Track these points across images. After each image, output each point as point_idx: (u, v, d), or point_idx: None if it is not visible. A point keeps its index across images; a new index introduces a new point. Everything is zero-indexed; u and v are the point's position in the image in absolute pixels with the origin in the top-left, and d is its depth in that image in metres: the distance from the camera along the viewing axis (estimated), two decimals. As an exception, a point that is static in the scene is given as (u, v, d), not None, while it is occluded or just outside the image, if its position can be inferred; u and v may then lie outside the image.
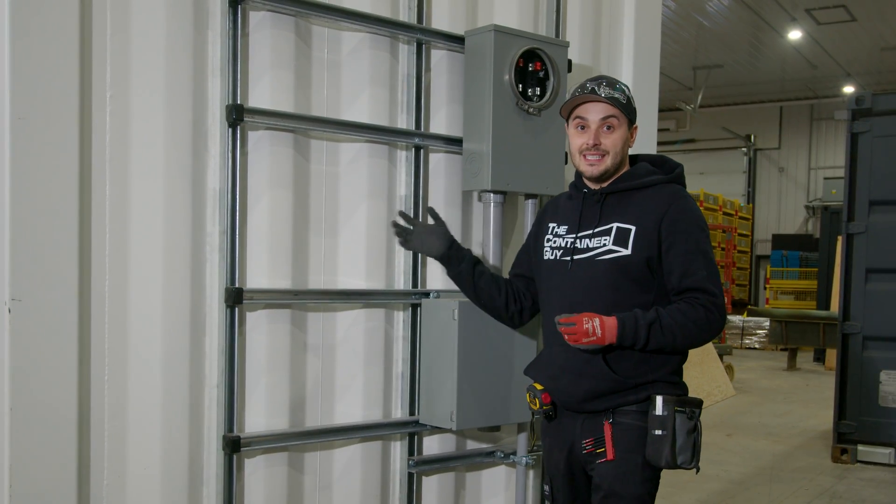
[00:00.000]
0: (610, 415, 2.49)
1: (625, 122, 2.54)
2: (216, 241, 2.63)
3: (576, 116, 2.55)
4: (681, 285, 2.45)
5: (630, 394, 2.47)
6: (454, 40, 3.09)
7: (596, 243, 2.52)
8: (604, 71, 3.63)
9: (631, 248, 2.47)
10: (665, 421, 2.41)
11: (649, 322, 2.39)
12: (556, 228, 2.66)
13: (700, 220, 2.53)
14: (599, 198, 2.57)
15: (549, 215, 2.74)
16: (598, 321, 2.38)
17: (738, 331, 15.71)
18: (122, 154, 2.45)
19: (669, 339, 2.41)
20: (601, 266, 2.49)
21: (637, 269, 2.47)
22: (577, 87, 2.57)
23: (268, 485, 2.73)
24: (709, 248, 2.52)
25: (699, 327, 2.42)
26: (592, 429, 2.51)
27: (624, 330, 2.38)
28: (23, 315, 2.25)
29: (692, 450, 2.45)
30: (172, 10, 2.51)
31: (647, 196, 2.54)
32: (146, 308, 2.50)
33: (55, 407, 2.32)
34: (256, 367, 2.70)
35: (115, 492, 2.46)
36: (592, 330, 2.37)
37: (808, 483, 6.14)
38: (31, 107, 2.26)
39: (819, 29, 15.36)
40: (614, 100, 2.50)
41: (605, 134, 2.52)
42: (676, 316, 2.41)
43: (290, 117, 2.72)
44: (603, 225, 2.54)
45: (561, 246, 2.60)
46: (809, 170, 21.84)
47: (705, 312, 2.42)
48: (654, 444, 2.43)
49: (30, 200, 2.26)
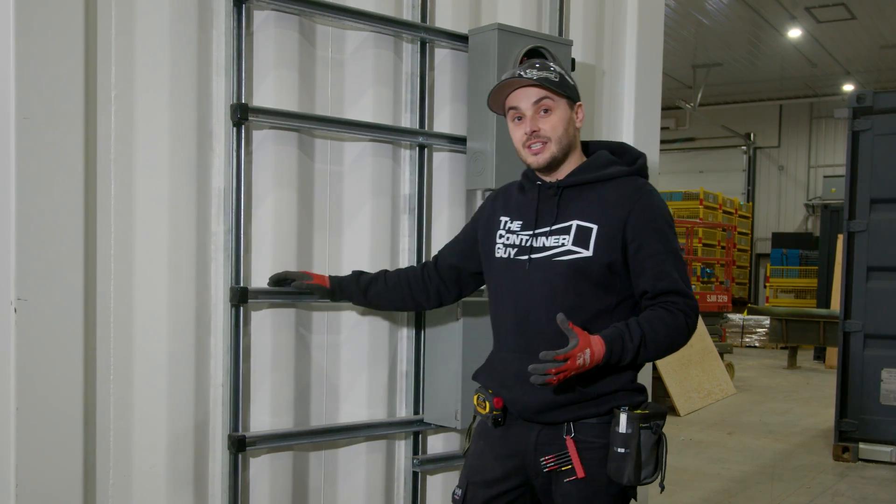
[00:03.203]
0: (570, 429, 2.31)
1: (563, 101, 2.32)
2: (221, 240, 2.63)
3: (509, 108, 2.36)
4: (655, 288, 2.28)
5: (591, 406, 2.30)
6: (458, 39, 3.09)
7: (553, 242, 2.32)
8: (606, 70, 3.63)
9: (592, 249, 2.28)
10: (629, 439, 2.24)
11: (637, 344, 2.21)
12: (508, 224, 2.44)
13: (667, 217, 2.36)
14: (556, 191, 2.36)
15: (500, 207, 2.51)
16: (590, 352, 2.15)
17: (738, 329, 15.73)
18: (127, 153, 2.45)
19: (653, 353, 2.27)
20: (560, 268, 2.29)
21: (599, 272, 2.28)
22: (504, 75, 2.37)
23: (273, 483, 2.73)
24: (678, 245, 2.36)
25: (679, 333, 2.27)
26: (551, 443, 2.33)
27: (611, 355, 2.19)
28: (28, 315, 2.25)
29: (655, 463, 2.29)
30: (177, 10, 2.51)
31: (609, 191, 2.33)
32: (151, 307, 2.50)
33: (61, 406, 2.32)
34: (261, 366, 2.70)
35: (120, 491, 2.46)
36: (583, 364, 2.14)
37: (809, 481, 6.15)
38: (36, 106, 2.25)
39: (819, 27, 15.39)
40: (544, 79, 2.29)
41: (543, 118, 2.31)
42: (659, 328, 2.24)
43: (294, 116, 2.72)
44: (561, 222, 2.33)
45: (515, 244, 2.39)
46: (809, 168, 21.89)
47: (684, 318, 2.26)
48: (617, 461, 2.25)
49: (35, 200, 2.26)
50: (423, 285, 2.67)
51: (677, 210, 16.95)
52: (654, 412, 2.30)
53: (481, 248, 2.54)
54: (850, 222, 6.79)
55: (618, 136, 3.68)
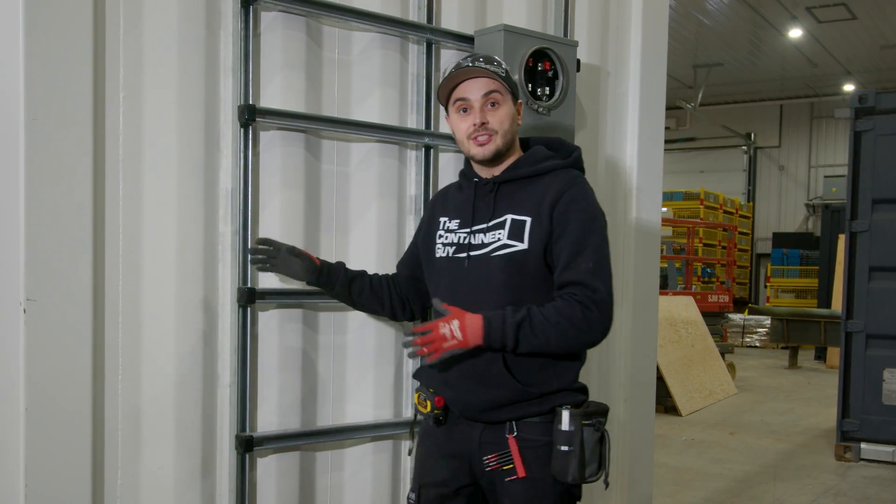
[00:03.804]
0: (513, 427, 2.30)
1: (508, 96, 2.35)
2: (228, 240, 2.63)
3: (456, 99, 2.34)
4: (560, 278, 2.24)
5: (534, 404, 2.29)
6: (464, 40, 3.09)
7: (490, 238, 2.32)
8: (611, 70, 3.63)
9: (527, 241, 2.27)
10: (572, 437, 2.24)
11: (518, 322, 2.17)
12: (447, 223, 2.45)
13: (594, 208, 2.33)
14: (493, 187, 2.37)
15: (439, 209, 2.52)
16: (458, 323, 2.16)
17: (739, 329, 15.73)
18: (135, 154, 2.46)
19: (542, 341, 2.19)
20: (496, 263, 2.29)
21: (535, 265, 2.27)
22: (451, 67, 2.37)
23: (280, 483, 2.74)
24: (601, 239, 2.30)
25: (576, 328, 2.19)
26: (494, 442, 2.32)
27: (490, 330, 2.17)
28: (37, 315, 2.26)
29: (599, 461, 2.30)
30: (185, 11, 2.52)
31: (544, 183, 2.34)
32: (159, 307, 2.51)
33: (69, 407, 2.33)
34: (268, 366, 2.71)
35: (128, 491, 2.47)
36: (451, 334, 2.15)
37: (811, 481, 6.16)
38: (46, 107, 2.26)
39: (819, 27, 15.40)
40: (494, 73, 2.30)
41: (491, 111, 2.32)
42: (550, 315, 2.18)
43: (301, 117, 2.72)
44: (497, 217, 2.33)
45: (454, 242, 2.39)
46: (809, 168, 21.90)
47: (581, 310, 2.18)
48: (560, 459, 2.25)
49: (44, 201, 2.27)
50: (398, 296, 2.68)
51: (678, 210, 16.95)
52: (596, 409, 2.32)
53: (422, 251, 2.55)
54: (852, 222, 6.80)
55: (622, 136, 3.69)
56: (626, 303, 3.72)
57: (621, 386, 3.74)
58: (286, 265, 2.56)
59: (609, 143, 3.66)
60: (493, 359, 2.29)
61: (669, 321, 9.21)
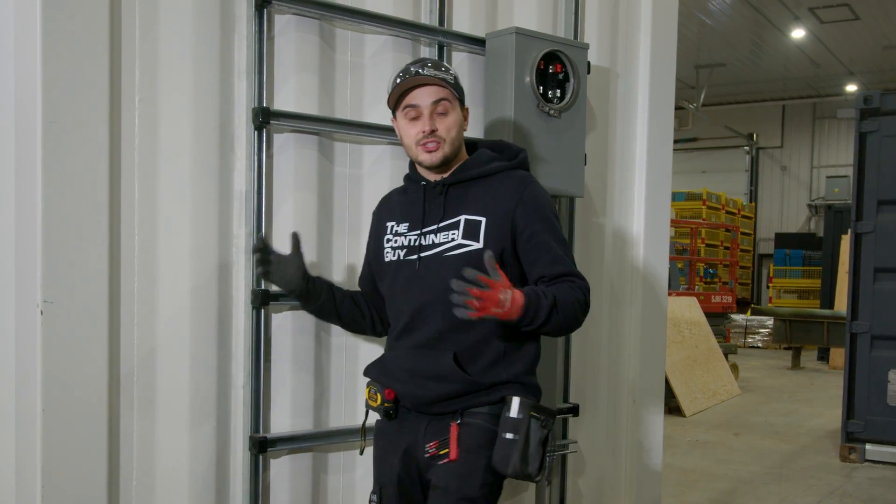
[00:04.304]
0: (458, 416, 2.31)
1: (457, 103, 2.36)
2: (242, 242, 2.65)
3: (405, 106, 2.35)
4: (553, 271, 2.30)
5: (482, 395, 2.30)
6: (475, 42, 3.11)
7: (443, 238, 2.33)
8: (620, 72, 3.65)
9: (483, 240, 2.30)
10: (519, 425, 2.24)
11: (551, 305, 2.20)
12: (395, 227, 2.45)
13: (552, 208, 2.40)
14: (441, 189, 2.38)
15: (385, 214, 2.52)
16: (511, 294, 2.12)
17: (741, 329, 15.74)
18: (151, 157, 2.47)
19: (562, 320, 2.24)
20: (451, 262, 2.29)
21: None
22: (400, 73, 2.37)
23: (293, 484, 2.75)
24: (562, 231, 2.41)
25: (580, 309, 2.29)
26: (438, 431, 2.32)
27: (528, 310, 2.16)
28: (54, 317, 2.28)
29: (540, 461, 2.27)
30: (200, 15, 2.53)
31: (493, 184, 2.37)
32: (174, 309, 2.52)
33: (86, 408, 2.35)
34: (282, 368, 2.72)
35: (144, 492, 2.48)
36: (503, 302, 2.10)
37: (816, 482, 6.16)
38: (62, 111, 2.28)
39: (822, 27, 15.39)
40: (443, 80, 2.32)
41: (440, 119, 2.33)
42: (568, 297, 2.25)
43: (314, 120, 2.74)
44: (449, 218, 2.35)
45: (404, 245, 2.39)
46: (812, 168, 21.89)
47: (583, 295, 2.30)
48: (503, 448, 2.24)
49: (61, 203, 2.28)
50: (371, 307, 2.62)
51: (680, 210, 16.95)
52: (546, 408, 2.32)
53: (371, 258, 2.53)
54: (857, 223, 6.80)
55: (631, 137, 3.70)
56: (635, 303, 3.74)
57: (630, 386, 3.76)
58: (279, 274, 2.48)
59: (619, 144, 3.67)
60: (443, 354, 2.30)
61: (673, 322, 9.22)
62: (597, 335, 3.63)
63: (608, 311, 3.68)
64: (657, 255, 3.80)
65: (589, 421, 3.60)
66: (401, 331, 2.39)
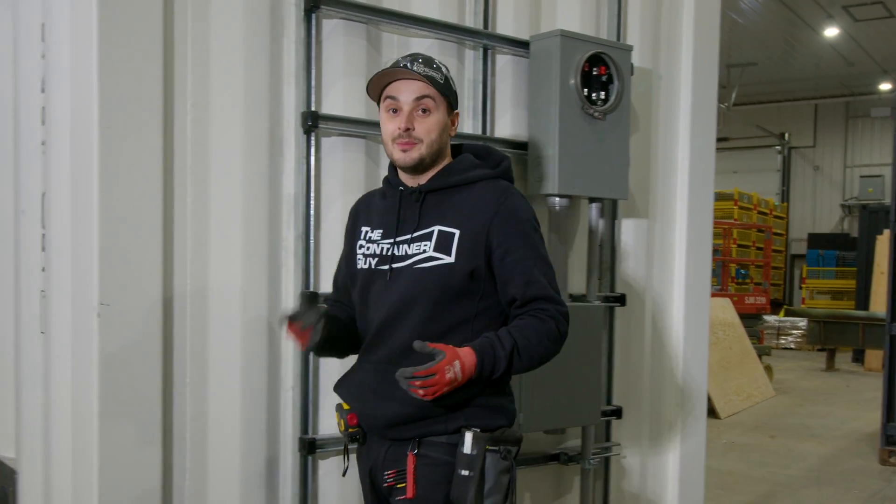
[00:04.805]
0: (416, 445, 2.14)
1: (443, 105, 2.18)
2: (291, 245, 2.67)
3: (387, 97, 2.18)
4: (525, 295, 2.14)
5: (439, 422, 2.12)
6: (519, 45, 3.11)
7: (415, 249, 2.17)
8: (663, 74, 3.63)
9: (454, 255, 2.13)
10: (473, 461, 2.08)
11: (509, 352, 2.07)
12: (369, 233, 2.28)
13: (532, 220, 2.22)
14: (419, 197, 2.21)
15: (362, 217, 2.34)
16: (459, 364, 2.00)
17: (774, 331, 15.58)
18: (203, 161, 2.51)
19: (527, 363, 2.12)
20: (420, 276, 2.14)
21: (460, 280, 2.13)
22: (389, 64, 2.23)
23: (341, 485, 2.77)
24: (545, 250, 2.22)
25: (552, 341, 2.14)
26: (396, 458, 2.16)
27: (483, 364, 2.04)
28: (110, 319, 2.31)
29: (504, 493, 2.11)
30: (250, 20, 2.57)
31: (472, 194, 2.19)
32: (225, 312, 2.55)
33: (140, 410, 2.38)
34: (329, 370, 2.73)
35: (196, 492, 2.51)
36: (452, 380, 1.99)
37: (856, 486, 6.09)
38: (118, 117, 2.32)
39: (856, 26, 15.20)
40: (430, 78, 2.14)
41: (420, 118, 2.15)
42: (531, 335, 2.10)
43: (362, 123, 2.76)
44: (423, 228, 2.18)
45: (376, 253, 2.22)
46: (845, 168, 21.62)
47: (555, 324, 2.13)
48: (460, 484, 2.09)
49: (117, 207, 2.33)
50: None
51: (711, 210, 16.79)
52: (507, 437, 2.14)
53: (345, 263, 2.37)
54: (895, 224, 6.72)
55: (674, 138, 3.68)
56: (678, 305, 3.71)
57: (673, 390, 3.74)
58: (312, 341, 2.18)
59: (661, 146, 3.65)
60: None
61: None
62: (640, 338, 3.61)
63: (651, 314, 3.66)
64: (699, 257, 3.77)
65: (632, 423, 3.59)
66: (367, 344, 2.24)
